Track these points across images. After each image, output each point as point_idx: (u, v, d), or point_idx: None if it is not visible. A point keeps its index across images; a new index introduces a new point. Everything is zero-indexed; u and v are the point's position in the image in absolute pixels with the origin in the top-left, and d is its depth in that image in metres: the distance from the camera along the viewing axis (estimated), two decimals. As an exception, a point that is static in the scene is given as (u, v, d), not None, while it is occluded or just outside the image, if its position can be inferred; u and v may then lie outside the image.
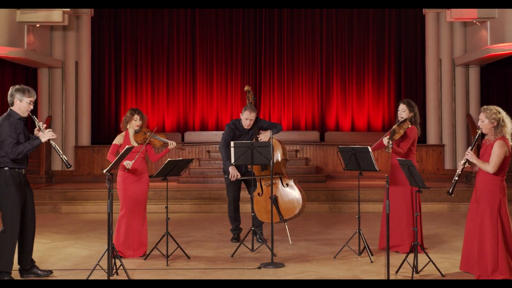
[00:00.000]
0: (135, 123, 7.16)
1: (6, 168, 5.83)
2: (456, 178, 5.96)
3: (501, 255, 5.80)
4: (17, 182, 5.86)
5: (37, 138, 5.91)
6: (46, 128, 6.02)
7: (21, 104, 5.89)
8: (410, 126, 7.12)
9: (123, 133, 7.23)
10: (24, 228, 6.04)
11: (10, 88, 5.98)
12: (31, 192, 6.11)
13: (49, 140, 5.94)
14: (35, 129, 6.05)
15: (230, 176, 7.65)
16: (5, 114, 5.94)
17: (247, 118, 7.68)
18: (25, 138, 5.93)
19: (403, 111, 7.17)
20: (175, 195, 11.43)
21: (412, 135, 7.15)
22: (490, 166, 5.80)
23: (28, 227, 6.08)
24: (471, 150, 5.91)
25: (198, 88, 14.95)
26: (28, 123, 6.28)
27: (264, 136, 7.73)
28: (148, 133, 7.21)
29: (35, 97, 6.00)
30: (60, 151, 6.01)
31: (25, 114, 5.94)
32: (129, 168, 6.96)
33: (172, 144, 7.22)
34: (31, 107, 5.96)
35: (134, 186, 7.07)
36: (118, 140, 7.18)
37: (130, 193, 7.04)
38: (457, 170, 6.01)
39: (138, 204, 7.09)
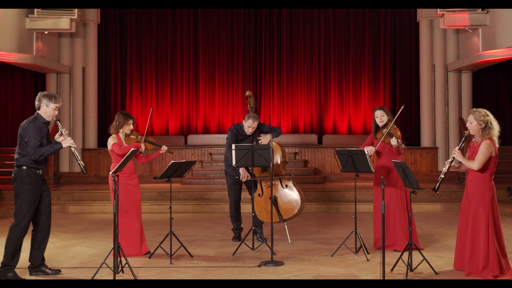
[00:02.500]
0: (128, 127, 7.18)
1: (24, 167, 5.90)
2: (442, 176, 5.99)
3: (491, 252, 5.80)
4: (33, 181, 5.91)
5: (59, 143, 5.97)
6: (68, 135, 6.08)
7: (47, 109, 6.00)
8: (395, 127, 7.20)
9: (114, 136, 7.17)
10: (38, 226, 6.08)
11: (39, 93, 6.10)
12: (48, 192, 6.15)
13: (69, 146, 6.00)
14: (57, 134, 6.10)
15: (241, 177, 7.67)
16: (31, 117, 6.04)
17: (250, 126, 7.71)
18: (47, 141, 6.01)
19: (382, 116, 7.27)
20: (178, 196, 11.43)
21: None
22: (475, 163, 5.82)
23: (43, 225, 6.10)
24: (458, 149, 5.92)
25: (201, 92, 14.98)
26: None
27: (264, 139, 7.75)
28: (139, 137, 7.21)
29: (60, 104, 6.13)
30: (79, 157, 6.09)
31: (49, 119, 6.05)
32: (142, 151, 7.08)
33: (163, 149, 7.25)
34: (56, 113, 6.08)
35: (127, 187, 7.06)
36: (114, 140, 7.14)
37: (126, 194, 7.03)
38: (444, 168, 6.02)
39: (134, 205, 7.09)
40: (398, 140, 7.00)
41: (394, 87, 14.83)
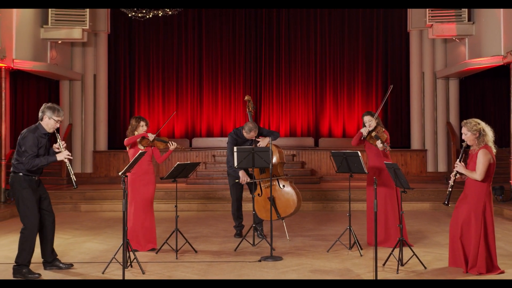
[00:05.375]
0: (142, 129, 7.17)
1: (21, 174, 5.82)
2: (450, 189, 5.91)
3: (481, 253, 5.78)
4: (31, 184, 5.85)
5: (54, 156, 5.87)
6: (65, 148, 5.98)
7: (49, 121, 5.88)
8: (383, 129, 7.22)
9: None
10: (43, 225, 6.04)
11: (43, 104, 5.94)
12: (46, 192, 6.09)
13: (64, 160, 5.88)
14: (54, 145, 6.00)
15: (240, 180, 7.67)
16: (32, 126, 5.91)
17: (251, 137, 7.74)
18: (45, 151, 5.90)
19: (370, 121, 7.27)
20: (183, 195, 11.44)
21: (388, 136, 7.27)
22: (477, 174, 5.76)
23: (47, 223, 6.07)
24: (460, 161, 5.87)
25: (205, 98, 15.00)
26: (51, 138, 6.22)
27: (262, 142, 7.75)
28: (152, 136, 7.19)
29: (63, 117, 5.98)
30: (71, 171, 5.88)
31: (50, 131, 5.92)
32: (142, 148, 7.01)
33: (172, 145, 7.19)
34: (58, 125, 5.94)
35: (142, 186, 7.07)
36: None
37: (138, 193, 7.05)
38: (450, 182, 5.96)
39: (145, 203, 7.08)
40: (384, 143, 7.03)
41: (386, 93, 14.82)
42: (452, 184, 5.94)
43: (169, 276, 5.88)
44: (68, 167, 5.91)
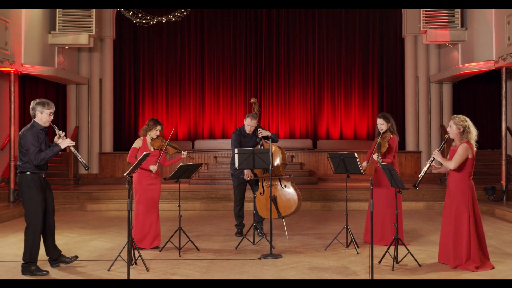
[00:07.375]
0: (156, 132, 7.16)
1: (28, 173, 5.81)
2: (422, 174, 6.02)
3: (473, 246, 5.82)
4: (38, 185, 5.84)
5: (57, 145, 5.87)
6: (66, 136, 5.99)
7: (42, 116, 5.85)
8: (391, 136, 7.16)
9: (142, 138, 7.21)
10: (45, 224, 6.02)
11: (32, 102, 5.92)
12: (51, 193, 6.09)
13: (68, 146, 5.90)
14: (55, 137, 5.99)
15: (245, 175, 7.70)
16: (28, 125, 5.90)
17: (248, 124, 7.79)
18: (46, 146, 5.90)
19: (381, 124, 7.22)
20: (186, 195, 11.44)
21: (394, 144, 7.21)
22: (452, 163, 5.88)
23: (49, 222, 6.06)
24: (439, 151, 5.97)
25: (207, 101, 15.01)
26: (48, 133, 6.19)
27: (264, 132, 7.77)
28: (164, 141, 7.19)
29: (54, 108, 5.95)
30: (79, 155, 5.96)
31: (46, 124, 5.90)
32: (154, 172, 6.99)
33: (184, 154, 7.23)
34: (51, 117, 5.92)
35: (149, 187, 7.08)
36: (137, 144, 7.15)
37: (145, 193, 7.06)
38: (424, 168, 6.05)
39: (151, 203, 7.09)
40: (379, 156, 6.91)
41: (382, 96, 14.86)
42: (426, 170, 6.02)
43: (172, 273, 5.89)
44: (74, 152, 5.97)
